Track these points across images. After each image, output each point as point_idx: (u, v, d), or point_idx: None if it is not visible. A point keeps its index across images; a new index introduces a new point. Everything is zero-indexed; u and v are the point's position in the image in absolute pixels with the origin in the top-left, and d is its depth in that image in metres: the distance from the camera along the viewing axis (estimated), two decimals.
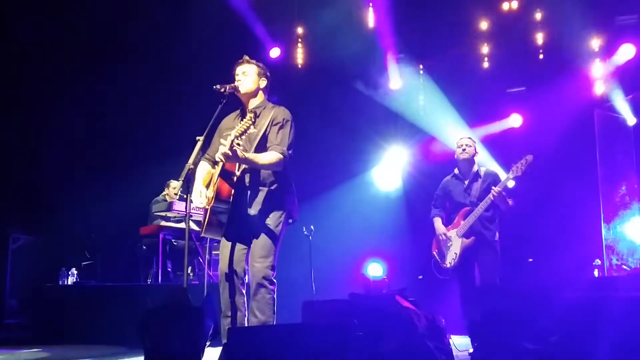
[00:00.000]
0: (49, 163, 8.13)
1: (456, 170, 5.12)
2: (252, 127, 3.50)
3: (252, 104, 3.84)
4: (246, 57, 3.88)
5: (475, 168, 5.03)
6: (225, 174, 3.61)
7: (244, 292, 3.75)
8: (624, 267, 6.95)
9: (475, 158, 5.06)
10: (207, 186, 3.77)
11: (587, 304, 2.87)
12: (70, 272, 6.83)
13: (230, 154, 3.43)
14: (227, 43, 7.32)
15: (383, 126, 8.34)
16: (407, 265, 7.64)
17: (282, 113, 3.79)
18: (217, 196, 3.58)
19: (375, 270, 6.55)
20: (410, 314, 2.69)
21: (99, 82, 7.97)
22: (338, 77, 8.06)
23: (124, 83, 7.97)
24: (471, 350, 3.93)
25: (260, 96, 3.88)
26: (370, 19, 8.09)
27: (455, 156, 5.11)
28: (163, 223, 6.77)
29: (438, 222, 5.11)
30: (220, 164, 3.58)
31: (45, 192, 7.93)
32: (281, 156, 3.65)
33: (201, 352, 2.98)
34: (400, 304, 2.78)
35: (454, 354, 3.30)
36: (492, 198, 4.72)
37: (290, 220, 3.84)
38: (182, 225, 6.58)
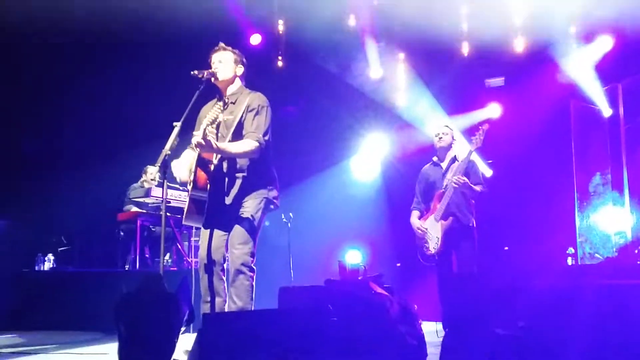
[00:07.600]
0: (25, 148, 8.02)
1: (435, 158, 5.19)
2: (221, 114, 3.49)
3: (229, 91, 3.83)
4: (222, 44, 3.86)
5: (452, 154, 5.10)
6: (202, 163, 3.61)
7: (224, 278, 3.75)
8: (597, 255, 7.07)
9: (453, 145, 5.13)
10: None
11: (559, 291, 2.94)
12: (46, 258, 6.78)
13: (203, 143, 3.43)
14: (205, 28, 7.24)
15: (363, 114, 8.35)
16: (386, 253, 7.70)
17: (257, 99, 3.77)
18: (195, 184, 3.58)
19: (353, 257, 6.58)
20: (383, 299, 2.73)
21: (76, 70, 7.86)
22: (318, 65, 8.04)
23: (101, 70, 7.87)
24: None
25: (237, 83, 3.86)
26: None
27: (434, 144, 5.18)
28: (135, 209, 6.74)
29: (413, 217, 5.14)
30: (197, 152, 3.58)
31: (22, 177, 7.82)
32: (257, 143, 3.64)
33: (176, 337, 2.98)
34: (373, 290, 2.82)
35: (433, 339, 3.35)
36: (455, 186, 4.76)
37: (272, 207, 3.83)
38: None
